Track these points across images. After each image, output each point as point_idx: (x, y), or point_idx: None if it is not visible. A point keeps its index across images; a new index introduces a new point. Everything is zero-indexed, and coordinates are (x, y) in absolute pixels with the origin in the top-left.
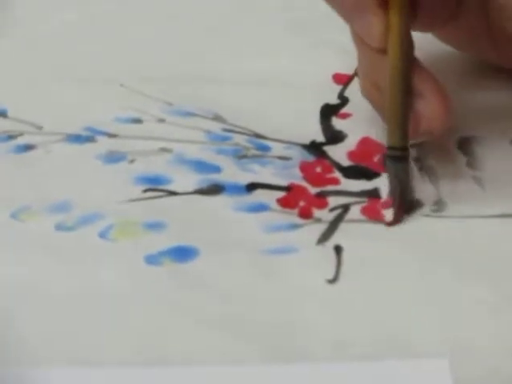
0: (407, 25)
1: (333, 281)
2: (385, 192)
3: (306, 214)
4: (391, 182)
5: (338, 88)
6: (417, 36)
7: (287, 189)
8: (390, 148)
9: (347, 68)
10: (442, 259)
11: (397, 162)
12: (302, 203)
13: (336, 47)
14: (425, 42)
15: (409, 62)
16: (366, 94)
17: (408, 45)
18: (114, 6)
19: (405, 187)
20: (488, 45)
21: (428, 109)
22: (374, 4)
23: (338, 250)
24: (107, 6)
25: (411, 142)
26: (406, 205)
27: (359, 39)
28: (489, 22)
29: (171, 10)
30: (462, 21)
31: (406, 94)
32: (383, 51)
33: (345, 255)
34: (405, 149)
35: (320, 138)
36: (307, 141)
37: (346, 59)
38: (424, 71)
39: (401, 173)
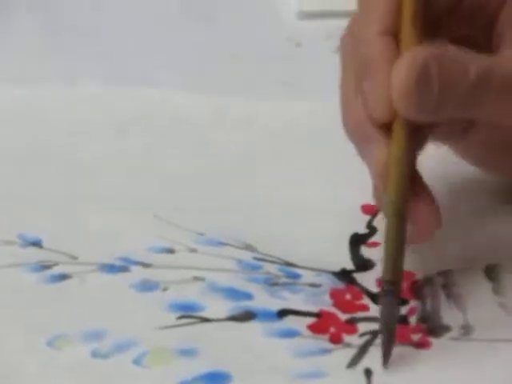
0: (406, 161)
1: None
2: (412, 319)
3: (336, 340)
4: (381, 318)
5: (366, 218)
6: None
7: (317, 315)
8: (384, 281)
9: None
10: (469, 382)
11: (387, 297)
12: (332, 329)
13: (364, 178)
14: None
15: (405, 200)
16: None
17: (406, 178)
18: (149, 139)
19: (391, 323)
20: (504, 162)
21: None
22: (379, 137)
23: (367, 373)
24: (142, 138)
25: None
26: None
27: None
28: (503, 139)
29: (200, 140)
30: (475, 136)
31: (401, 229)
32: (383, 181)
33: (374, 379)
34: (394, 283)
35: (349, 265)
36: (337, 268)
37: None
38: (422, 195)
39: (388, 308)
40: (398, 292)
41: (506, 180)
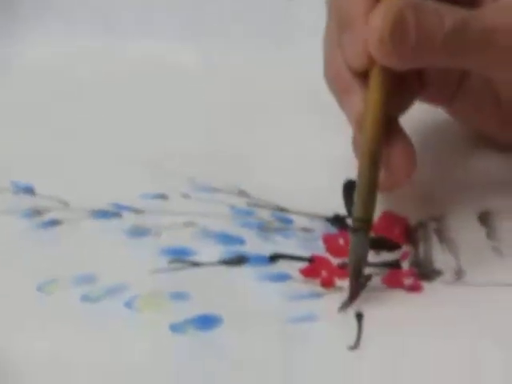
0: (381, 108)
1: (354, 347)
2: (405, 263)
3: (327, 284)
4: (350, 254)
5: None
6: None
7: (310, 260)
8: (354, 219)
9: None
10: (461, 327)
11: (357, 234)
12: (324, 273)
13: None
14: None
15: (379, 144)
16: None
17: (380, 124)
18: (138, 85)
19: (359, 260)
20: (497, 124)
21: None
22: (356, 86)
23: (359, 317)
24: (130, 85)
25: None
26: (360, 280)
27: None
28: (496, 101)
29: (193, 87)
30: (465, 98)
31: (374, 171)
32: (360, 129)
33: (366, 322)
34: (365, 221)
35: (343, 211)
36: (330, 214)
37: None
38: (400, 140)
39: (359, 245)
40: (367, 230)
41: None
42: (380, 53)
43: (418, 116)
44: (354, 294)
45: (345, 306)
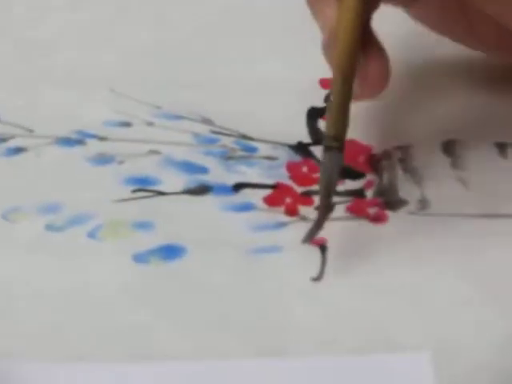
0: (355, 22)
1: (317, 279)
2: (369, 192)
3: (291, 211)
4: (320, 173)
5: (324, 92)
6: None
7: (273, 187)
8: (326, 137)
9: None
10: (425, 257)
11: (329, 153)
12: (287, 200)
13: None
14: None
15: (352, 61)
16: None
17: (354, 40)
18: (104, 12)
19: (330, 179)
20: (463, 26)
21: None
22: None
23: (322, 248)
24: (98, 11)
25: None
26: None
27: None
28: (461, 5)
29: (159, 15)
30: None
31: (347, 88)
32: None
33: (329, 253)
34: (337, 139)
35: (307, 139)
36: (294, 142)
37: None
38: (374, 50)
39: (330, 164)
40: (339, 148)
41: None
42: None
43: None
44: (322, 217)
45: (309, 236)
